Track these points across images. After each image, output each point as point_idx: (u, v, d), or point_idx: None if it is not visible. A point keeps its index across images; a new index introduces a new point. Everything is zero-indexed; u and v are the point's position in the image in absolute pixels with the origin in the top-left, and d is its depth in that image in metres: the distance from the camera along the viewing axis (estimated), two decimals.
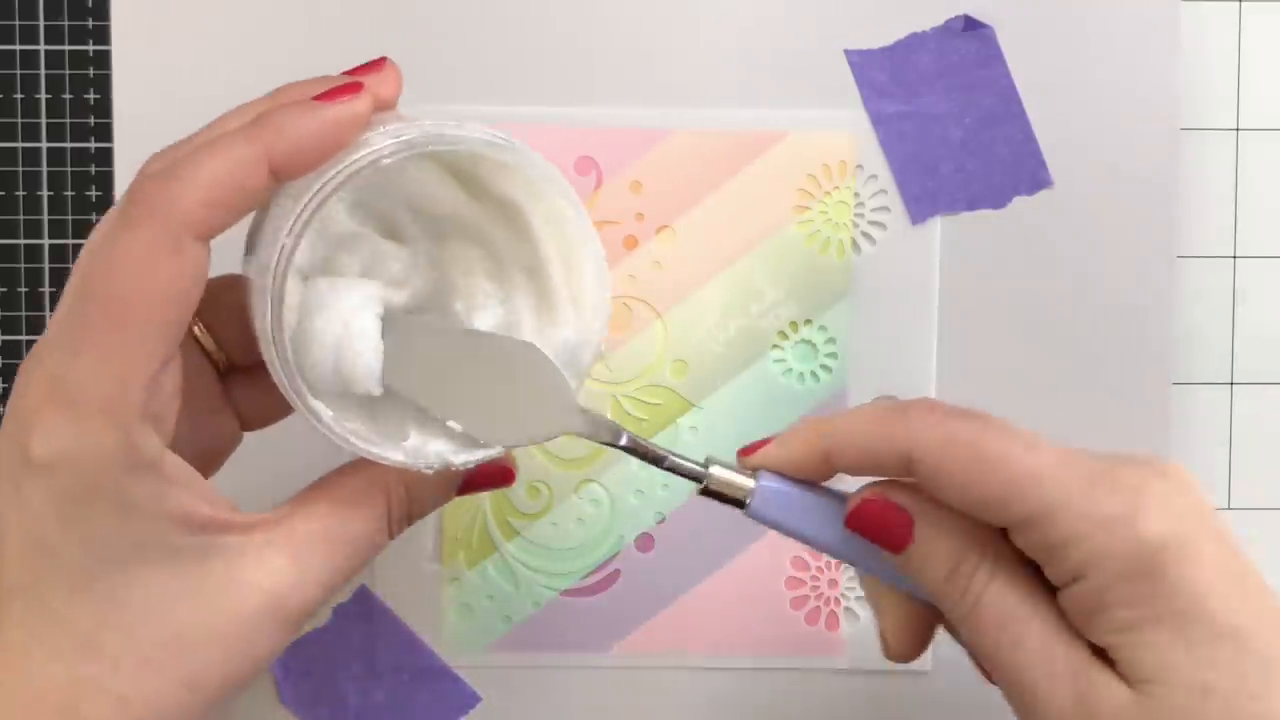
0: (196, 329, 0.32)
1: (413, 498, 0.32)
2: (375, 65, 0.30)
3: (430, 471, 0.29)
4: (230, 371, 0.33)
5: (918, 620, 0.31)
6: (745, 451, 0.31)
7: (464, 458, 0.29)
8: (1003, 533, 0.28)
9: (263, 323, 0.27)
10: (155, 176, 0.27)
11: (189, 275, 0.27)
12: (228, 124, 0.29)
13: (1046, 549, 0.27)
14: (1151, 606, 0.26)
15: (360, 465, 0.31)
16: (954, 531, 0.29)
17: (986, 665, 0.29)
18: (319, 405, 0.28)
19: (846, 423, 0.29)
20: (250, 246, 0.29)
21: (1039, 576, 0.28)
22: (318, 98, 0.28)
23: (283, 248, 0.27)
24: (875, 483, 0.30)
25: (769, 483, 0.30)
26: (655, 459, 0.30)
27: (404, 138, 0.27)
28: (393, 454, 0.29)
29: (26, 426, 0.27)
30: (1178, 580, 0.26)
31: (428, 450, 0.29)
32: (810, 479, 0.30)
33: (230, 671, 0.30)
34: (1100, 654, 0.27)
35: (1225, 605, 0.26)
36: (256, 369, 0.30)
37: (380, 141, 0.27)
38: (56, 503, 0.27)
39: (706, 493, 0.30)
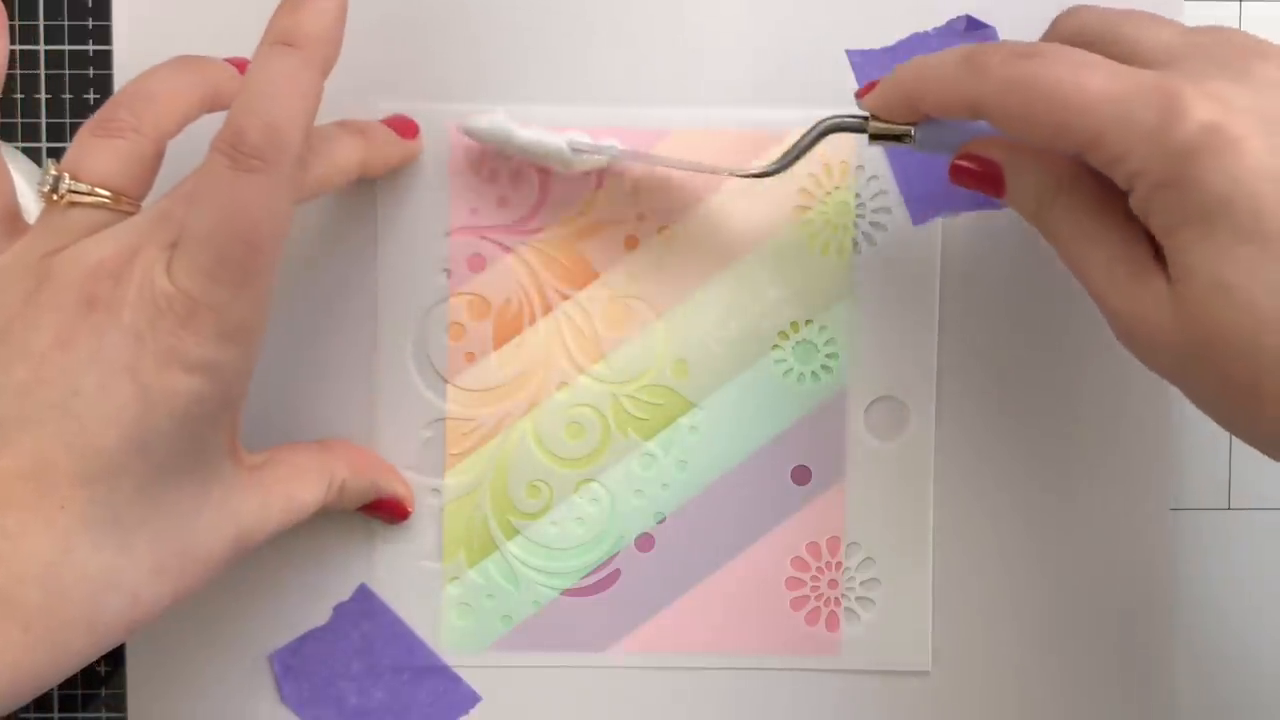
0: None
1: (343, 491, 0.37)
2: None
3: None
4: None
5: None
6: (860, 93, 0.35)
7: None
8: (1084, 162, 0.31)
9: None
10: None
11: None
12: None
13: (1106, 168, 0.30)
14: (1183, 211, 0.28)
15: (315, 447, 0.37)
16: (1035, 170, 0.32)
17: (1076, 276, 0.32)
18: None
19: (924, 73, 0.33)
20: None
21: (1119, 195, 0.31)
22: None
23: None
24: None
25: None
26: (815, 139, 0.36)
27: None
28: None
29: (183, 328, 0.30)
30: (1208, 184, 0.28)
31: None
32: (906, 122, 0.34)
33: (194, 589, 0.33)
34: (1161, 256, 0.30)
35: (1256, 206, 0.27)
36: None
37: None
38: (187, 404, 0.30)
39: (875, 138, 0.35)
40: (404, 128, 0.38)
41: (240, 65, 0.35)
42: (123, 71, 0.39)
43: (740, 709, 0.40)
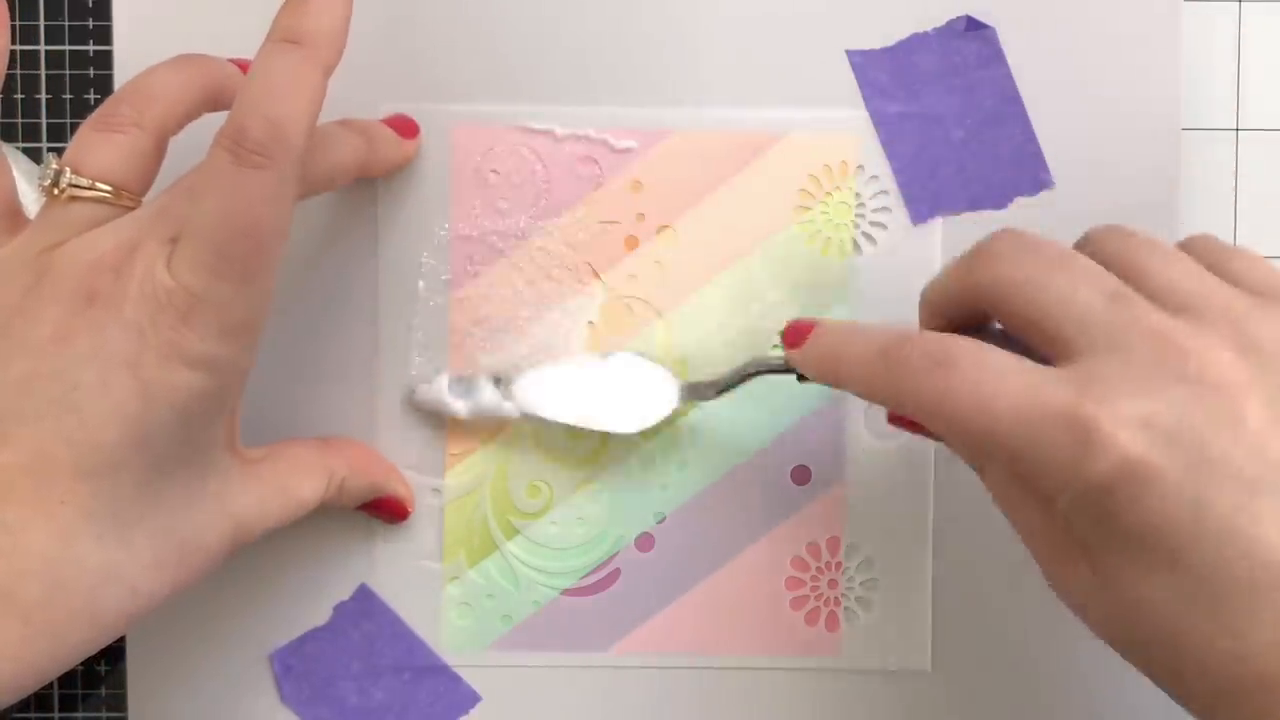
0: None
1: (343, 489, 0.37)
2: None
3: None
4: None
5: None
6: (786, 339, 0.35)
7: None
8: None
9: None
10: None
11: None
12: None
13: (1025, 482, 0.30)
14: (1100, 536, 0.29)
15: (316, 443, 0.37)
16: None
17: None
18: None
19: (843, 355, 0.33)
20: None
21: None
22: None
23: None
24: None
25: None
26: (744, 378, 0.37)
27: None
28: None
29: (184, 323, 0.30)
30: (1124, 520, 0.28)
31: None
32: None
33: (192, 581, 0.33)
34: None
35: (1173, 529, 0.28)
36: None
37: None
38: (187, 399, 0.30)
39: (804, 378, 0.35)
40: (404, 128, 0.38)
41: (243, 66, 0.35)
42: (123, 71, 0.39)
43: (740, 709, 0.40)
